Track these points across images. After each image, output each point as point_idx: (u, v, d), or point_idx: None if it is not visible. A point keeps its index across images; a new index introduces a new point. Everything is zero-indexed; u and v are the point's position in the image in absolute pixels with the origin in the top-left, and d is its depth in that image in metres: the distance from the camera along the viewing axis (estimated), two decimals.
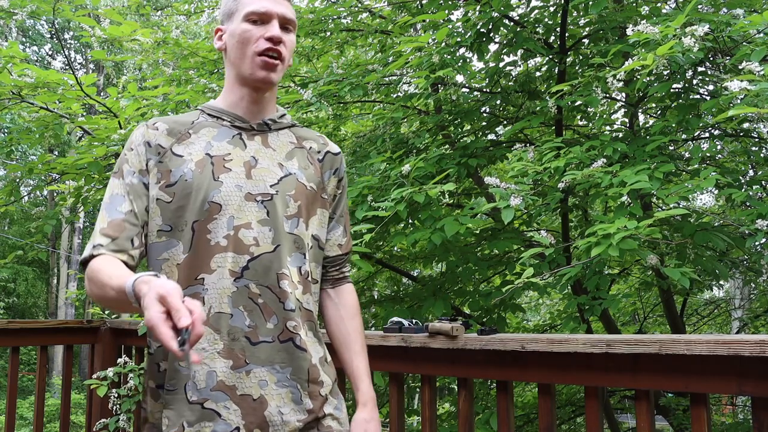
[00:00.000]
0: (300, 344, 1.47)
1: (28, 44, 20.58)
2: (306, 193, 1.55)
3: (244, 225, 1.45)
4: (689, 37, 2.60)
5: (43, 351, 3.44)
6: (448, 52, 3.49)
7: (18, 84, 3.62)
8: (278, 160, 1.54)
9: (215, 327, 1.42)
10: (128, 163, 1.50)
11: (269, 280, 1.45)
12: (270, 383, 1.44)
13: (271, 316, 1.45)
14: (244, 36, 1.49)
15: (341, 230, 1.69)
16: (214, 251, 1.43)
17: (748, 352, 1.48)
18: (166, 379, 1.44)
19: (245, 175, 1.48)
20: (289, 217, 1.50)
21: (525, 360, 1.94)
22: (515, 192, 2.85)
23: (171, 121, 1.55)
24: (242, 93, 1.54)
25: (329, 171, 1.65)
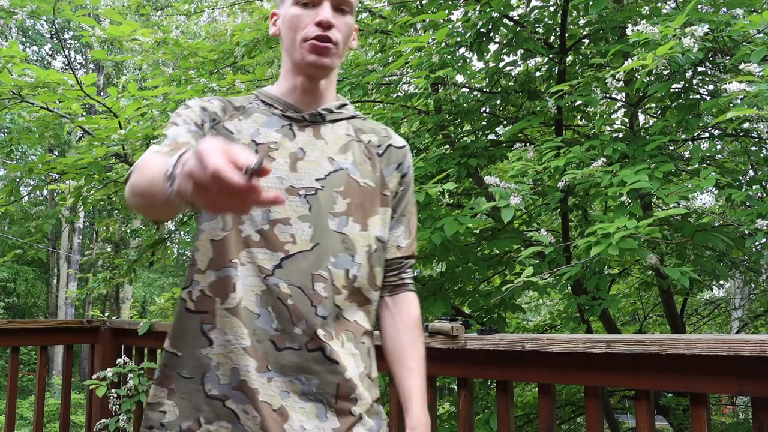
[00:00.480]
0: (330, 355, 1.32)
1: (28, 44, 20.58)
2: (359, 191, 1.41)
3: (281, 220, 1.33)
4: (689, 37, 2.60)
5: (43, 351, 3.44)
6: (448, 52, 3.49)
7: (18, 84, 3.62)
8: (329, 153, 1.42)
9: (244, 321, 1.30)
10: (184, 115, 1.38)
11: (302, 280, 1.32)
12: (292, 395, 1.30)
13: (300, 320, 1.31)
14: (293, 21, 1.38)
15: (402, 230, 1.52)
16: (243, 245, 1.32)
17: (748, 352, 1.48)
18: (181, 364, 1.34)
19: (289, 167, 1.37)
20: (336, 214, 1.37)
21: (525, 360, 1.95)
22: (515, 191, 2.85)
23: (224, 101, 1.46)
24: (295, 81, 1.44)
25: (392, 166, 1.50)
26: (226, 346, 1.30)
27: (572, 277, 3.04)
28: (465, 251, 4.32)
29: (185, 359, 1.34)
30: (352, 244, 1.38)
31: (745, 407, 7.48)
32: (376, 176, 1.46)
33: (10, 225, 22.31)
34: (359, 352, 1.39)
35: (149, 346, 3.44)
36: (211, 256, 1.33)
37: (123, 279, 5.03)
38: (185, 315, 1.36)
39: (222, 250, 1.33)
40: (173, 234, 5.90)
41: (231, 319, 1.30)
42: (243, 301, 1.30)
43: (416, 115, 4.99)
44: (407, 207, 1.54)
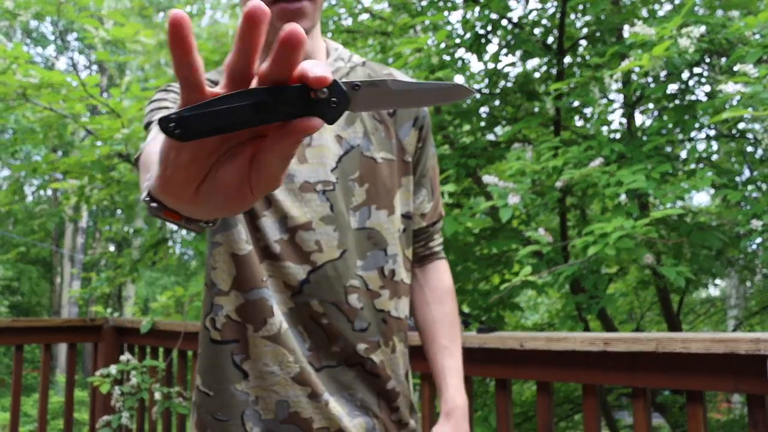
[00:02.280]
0: (371, 370, 1.19)
1: (32, 45, 20.56)
2: (378, 170, 1.21)
3: (302, 226, 1.15)
4: (685, 38, 2.63)
5: (47, 349, 3.47)
6: (447, 53, 3.51)
7: (22, 84, 3.65)
8: (335, 130, 1.20)
9: (289, 346, 1.15)
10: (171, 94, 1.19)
11: (335, 295, 1.16)
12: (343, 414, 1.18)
13: (338, 338, 1.17)
14: None
15: (424, 194, 1.33)
16: (266, 256, 1.16)
17: (744, 350, 1.50)
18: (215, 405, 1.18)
19: (298, 159, 1.17)
20: (356, 208, 1.19)
21: (523, 358, 1.97)
22: (513, 191, 2.88)
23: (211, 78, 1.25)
24: None
25: (407, 123, 1.27)
26: (266, 378, 1.15)
27: (570, 276, 3.06)
28: (464, 251, 4.35)
29: (218, 399, 1.17)
30: (381, 236, 1.21)
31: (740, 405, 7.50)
32: (392, 143, 1.25)
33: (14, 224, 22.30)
34: (407, 348, 1.29)
35: (152, 344, 3.47)
36: (235, 274, 1.16)
37: (126, 278, 5.05)
38: (211, 347, 1.19)
39: (250, 266, 1.15)
40: (175, 233, 5.92)
41: (274, 348, 1.15)
42: (284, 323, 1.15)
43: None
44: (427, 164, 1.33)
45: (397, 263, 1.23)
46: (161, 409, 3.22)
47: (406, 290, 1.26)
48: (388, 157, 1.23)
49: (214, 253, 1.18)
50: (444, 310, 1.34)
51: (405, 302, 1.25)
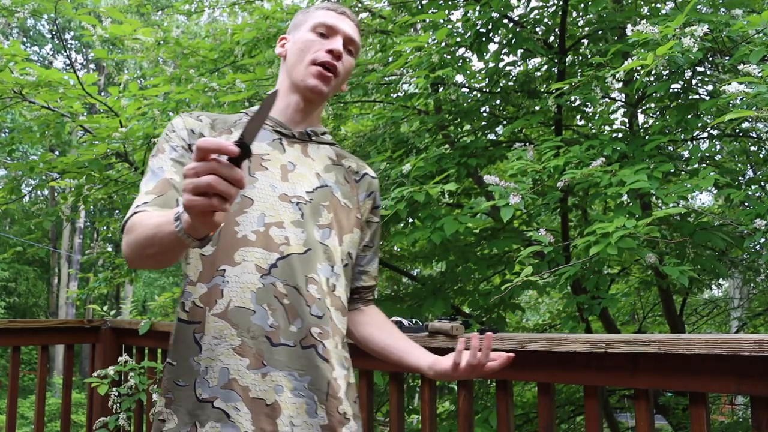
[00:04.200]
0: (323, 353, 1.39)
1: (29, 44, 20.58)
2: (340, 208, 1.52)
3: (276, 223, 1.40)
4: (688, 37, 2.60)
5: (44, 350, 3.44)
6: (448, 52, 3.49)
7: (20, 82, 3.63)
8: (316, 170, 1.51)
9: (233, 322, 1.35)
10: (171, 141, 1.45)
11: (298, 281, 1.38)
12: (286, 390, 1.35)
13: (296, 319, 1.37)
14: (306, 44, 1.49)
15: (376, 262, 1.67)
16: (240, 244, 1.37)
17: (747, 352, 1.48)
18: (177, 373, 1.39)
19: (281, 177, 1.45)
20: (321, 226, 1.46)
21: (524, 359, 1.95)
22: (514, 190, 2.86)
23: (215, 118, 1.53)
24: (290, 100, 1.53)
25: (365, 192, 1.62)
26: (214, 349, 1.35)
27: (571, 276, 3.04)
28: (465, 251, 4.33)
29: (180, 368, 1.38)
30: (332, 255, 1.46)
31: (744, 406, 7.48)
32: (354, 199, 1.57)
33: (11, 225, 22.31)
34: (345, 355, 1.49)
35: (150, 345, 3.45)
36: (201, 269, 1.40)
37: (124, 279, 5.04)
38: (180, 326, 1.42)
39: (211, 262, 1.38)
40: None
41: (219, 323, 1.35)
42: (233, 302, 1.36)
43: (416, 114, 5.00)
44: (379, 239, 1.69)
45: (339, 282, 1.48)
46: None
47: (342, 307, 1.49)
48: (349, 205, 1.54)
49: (190, 254, 1.42)
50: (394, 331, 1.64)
51: (341, 317, 1.48)
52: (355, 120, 6.36)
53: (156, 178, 1.39)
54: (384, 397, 5.44)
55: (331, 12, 1.52)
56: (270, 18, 4.65)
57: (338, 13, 1.53)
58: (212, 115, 1.54)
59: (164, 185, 1.38)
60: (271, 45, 4.64)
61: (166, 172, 1.40)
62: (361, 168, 1.65)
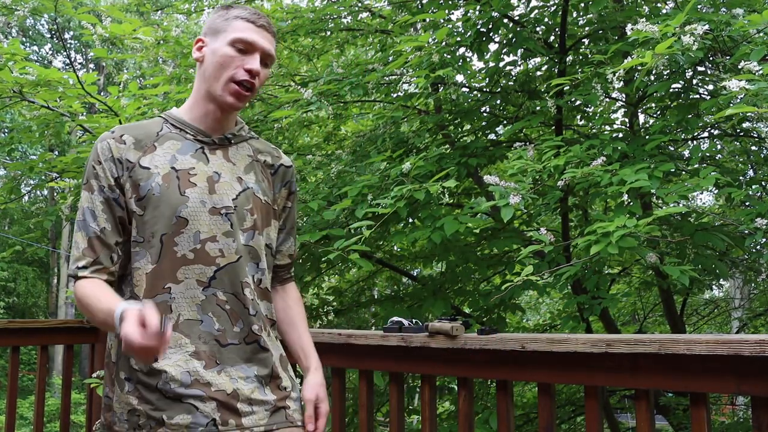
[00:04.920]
0: (263, 345, 1.61)
1: (29, 44, 20.58)
2: (261, 206, 1.66)
3: (209, 238, 1.54)
4: (689, 36, 2.60)
5: (43, 351, 3.43)
6: (448, 52, 3.49)
7: (19, 81, 3.62)
8: (238, 174, 1.64)
9: (186, 332, 1.52)
10: (97, 178, 1.57)
11: (234, 287, 1.56)
12: (240, 380, 1.55)
13: (238, 320, 1.57)
14: (225, 60, 1.56)
15: (291, 241, 1.84)
16: (181, 263, 1.53)
17: (748, 352, 1.47)
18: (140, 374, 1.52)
19: (209, 190, 1.57)
20: (245, 230, 1.60)
21: (525, 360, 1.94)
22: (514, 190, 2.85)
23: (136, 132, 1.60)
24: (207, 109, 1.62)
25: (280, 183, 1.75)
26: (171, 357, 1.51)
27: (572, 276, 3.04)
28: (465, 251, 4.33)
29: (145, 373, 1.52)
30: (257, 253, 1.63)
31: (744, 407, 7.48)
32: (271, 193, 1.71)
33: (10, 225, 22.31)
34: (274, 338, 1.70)
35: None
36: (146, 286, 1.53)
37: None
38: None
39: (154, 279, 1.53)
40: None
41: (174, 335, 1.51)
42: (182, 315, 1.52)
43: (416, 114, 4.99)
44: (294, 219, 1.85)
45: (264, 276, 1.66)
46: None
47: (269, 296, 1.68)
48: (268, 201, 1.69)
49: (135, 274, 1.55)
50: (299, 310, 1.86)
51: (268, 304, 1.68)
52: (355, 120, 6.36)
53: (88, 230, 1.55)
54: (384, 398, 5.44)
55: (250, 25, 1.58)
56: (270, 18, 4.64)
57: (257, 26, 1.59)
58: (135, 129, 1.61)
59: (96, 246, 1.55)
60: None
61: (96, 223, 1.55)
62: (276, 160, 1.75)
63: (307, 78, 4.77)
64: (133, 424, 1.52)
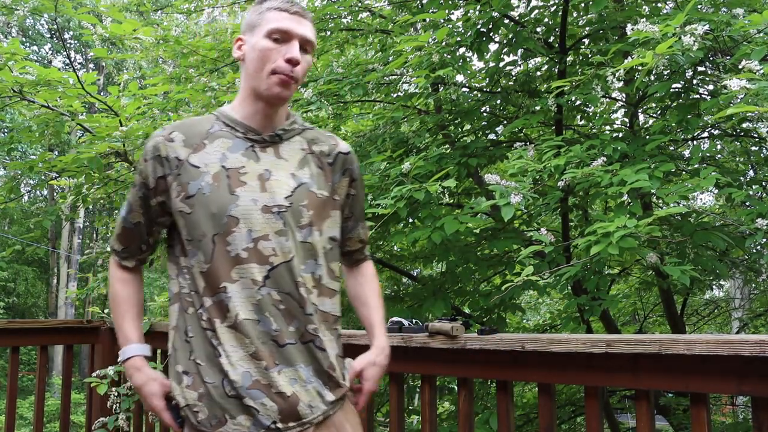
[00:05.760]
0: (319, 345, 1.57)
1: (28, 44, 20.58)
2: (318, 201, 1.62)
3: (262, 237, 1.53)
4: (689, 36, 2.59)
5: (43, 351, 3.43)
6: (448, 52, 3.48)
7: (19, 81, 3.61)
8: (291, 170, 1.61)
9: (244, 332, 1.51)
10: (141, 174, 1.63)
11: (289, 287, 1.53)
12: (299, 381, 1.54)
13: (293, 320, 1.54)
14: (264, 53, 1.55)
15: (360, 227, 1.82)
16: (235, 262, 1.52)
17: (748, 352, 1.48)
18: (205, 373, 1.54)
19: (260, 189, 1.56)
20: (302, 227, 1.57)
21: (525, 360, 1.94)
22: (515, 190, 2.85)
23: (187, 130, 1.61)
24: (257, 107, 1.60)
25: (339, 172, 1.71)
26: (232, 355, 1.51)
27: (572, 276, 3.03)
28: (465, 251, 4.32)
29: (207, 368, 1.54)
30: (315, 250, 1.60)
31: (745, 407, 7.48)
32: (329, 185, 1.67)
33: (10, 225, 22.30)
34: (333, 337, 1.64)
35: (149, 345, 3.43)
36: (204, 285, 1.55)
37: None
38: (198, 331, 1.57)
39: (210, 278, 1.54)
40: None
41: (233, 333, 1.52)
42: (240, 315, 1.51)
43: (416, 114, 4.99)
44: (362, 205, 1.82)
45: (323, 272, 1.62)
46: None
47: (330, 293, 1.64)
48: (325, 194, 1.65)
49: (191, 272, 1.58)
50: (372, 286, 1.86)
51: (329, 302, 1.64)
52: (355, 120, 6.35)
53: (126, 221, 1.68)
54: (384, 398, 5.43)
55: (284, 13, 1.56)
56: None
57: (291, 14, 1.57)
58: (186, 126, 1.63)
59: (130, 236, 1.70)
60: None
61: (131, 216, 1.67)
62: (333, 148, 1.71)
63: (307, 78, 4.77)
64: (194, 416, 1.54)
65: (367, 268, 1.89)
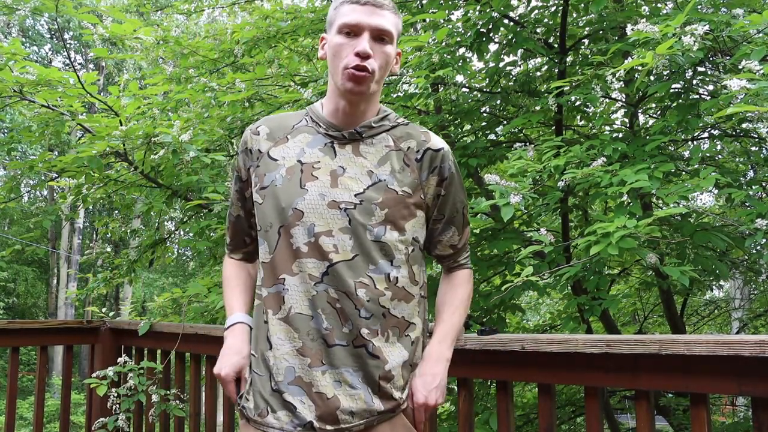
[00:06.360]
0: (372, 351, 1.52)
1: (28, 44, 20.58)
2: (397, 199, 1.57)
3: (324, 233, 1.52)
4: (689, 36, 2.59)
5: (43, 351, 3.43)
6: (448, 52, 3.48)
7: (19, 80, 3.61)
8: (368, 167, 1.58)
9: (295, 326, 1.52)
10: (236, 168, 1.70)
11: (347, 286, 1.51)
12: (344, 384, 1.50)
13: (347, 321, 1.51)
14: (337, 49, 1.55)
15: (452, 231, 1.71)
16: (296, 256, 1.53)
17: (748, 353, 1.48)
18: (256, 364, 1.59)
19: (330, 184, 1.55)
20: (374, 225, 1.54)
21: (525, 360, 1.94)
22: (515, 189, 2.85)
23: (273, 124, 1.67)
24: (338, 103, 1.60)
25: (428, 170, 1.63)
26: (279, 348, 1.53)
27: (572, 277, 3.03)
28: None
29: (258, 360, 1.59)
30: (390, 250, 1.55)
31: (745, 407, 7.47)
32: (414, 182, 1.61)
33: (9, 225, 22.30)
34: (402, 344, 1.58)
35: (149, 346, 3.44)
36: (263, 275, 1.59)
37: (123, 279, 5.02)
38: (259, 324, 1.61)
39: (271, 269, 1.57)
40: (173, 234, 5.90)
41: (283, 326, 1.53)
42: (294, 308, 1.53)
43: (416, 115, 4.99)
44: (455, 207, 1.70)
45: (401, 273, 1.57)
46: (158, 411, 3.19)
47: (406, 296, 1.58)
48: (408, 191, 1.59)
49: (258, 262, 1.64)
50: (452, 295, 1.74)
51: (405, 306, 1.58)
52: None
53: (230, 215, 1.77)
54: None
55: (354, 6, 1.54)
56: (270, 18, 4.64)
57: (362, 5, 1.55)
58: (274, 120, 1.68)
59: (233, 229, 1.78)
60: (271, 45, 4.64)
61: (233, 209, 1.74)
62: (423, 144, 1.64)
63: (307, 78, 4.77)
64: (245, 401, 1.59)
65: (458, 277, 1.77)
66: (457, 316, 1.71)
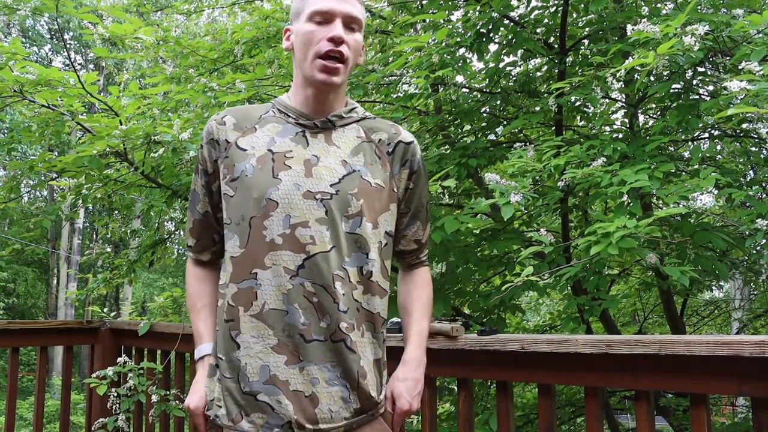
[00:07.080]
0: (350, 346, 1.48)
1: (28, 44, 20.58)
2: (371, 191, 1.54)
3: (301, 223, 1.46)
4: (689, 36, 2.59)
5: (42, 351, 3.43)
6: (448, 52, 3.48)
7: (19, 80, 3.60)
8: (342, 157, 1.54)
9: (269, 323, 1.46)
10: (200, 160, 1.62)
11: (324, 279, 1.46)
12: (321, 381, 1.46)
13: (325, 315, 1.46)
14: (307, 37, 1.51)
15: (418, 225, 1.69)
16: (269, 248, 1.46)
17: (748, 353, 1.48)
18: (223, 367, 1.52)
19: (305, 174, 1.50)
20: (350, 216, 1.50)
21: (525, 360, 1.94)
22: (515, 189, 2.84)
23: (240, 114, 1.60)
24: (307, 93, 1.56)
25: (399, 163, 1.62)
26: (252, 347, 1.46)
27: (572, 277, 3.03)
28: (465, 251, 4.32)
29: (226, 362, 1.51)
30: (365, 242, 1.51)
31: (745, 408, 7.47)
32: (386, 175, 1.58)
33: (9, 225, 22.30)
34: (377, 341, 1.55)
35: (149, 346, 3.44)
36: (232, 271, 1.51)
37: (123, 279, 5.02)
38: (221, 324, 1.54)
39: (242, 264, 1.49)
40: (173, 234, 5.90)
41: (255, 323, 1.46)
42: (267, 304, 1.46)
43: (416, 115, 4.99)
44: (421, 201, 1.68)
45: (374, 267, 1.53)
46: (158, 411, 3.19)
47: (379, 291, 1.55)
48: (381, 184, 1.56)
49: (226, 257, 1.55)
50: (419, 294, 1.72)
51: (377, 300, 1.54)
52: None
53: (193, 212, 1.66)
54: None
55: None
56: (270, 18, 4.65)
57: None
58: (239, 111, 1.61)
59: (200, 227, 1.66)
60: (271, 45, 4.63)
61: (198, 206, 1.64)
62: (394, 137, 1.63)
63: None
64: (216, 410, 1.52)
65: (420, 275, 1.76)
66: (427, 320, 1.71)
